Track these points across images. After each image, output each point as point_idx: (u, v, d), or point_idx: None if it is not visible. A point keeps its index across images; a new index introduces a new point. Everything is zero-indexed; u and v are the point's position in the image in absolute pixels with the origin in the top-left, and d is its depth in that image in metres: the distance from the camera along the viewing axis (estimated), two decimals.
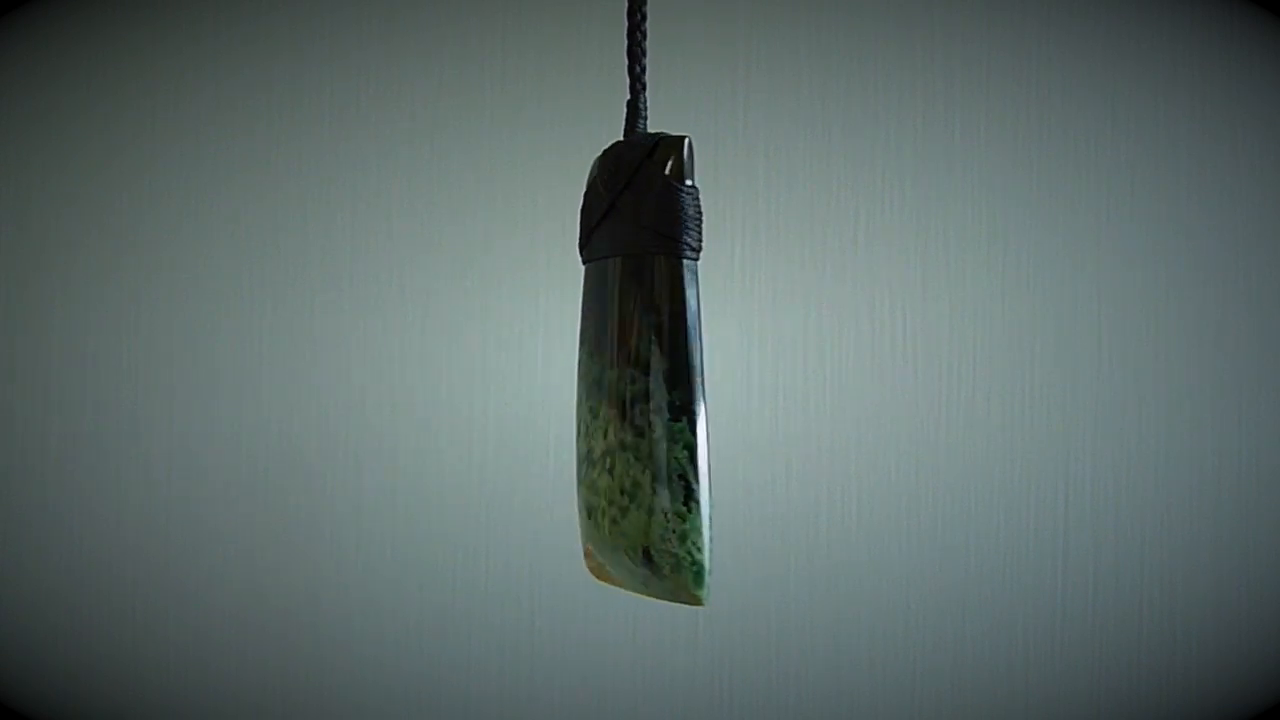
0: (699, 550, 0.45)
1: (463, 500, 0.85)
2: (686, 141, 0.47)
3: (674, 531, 0.45)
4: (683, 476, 0.45)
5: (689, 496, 0.45)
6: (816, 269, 0.83)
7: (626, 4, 0.49)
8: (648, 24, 0.50)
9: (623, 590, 0.50)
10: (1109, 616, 0.81)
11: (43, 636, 0.87)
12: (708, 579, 0.46)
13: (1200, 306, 0.81)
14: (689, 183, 0.47)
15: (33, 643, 0.87)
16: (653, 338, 0.46)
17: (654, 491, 0.46)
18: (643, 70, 0.50)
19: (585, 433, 0.49)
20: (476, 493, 0.85)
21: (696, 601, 0.46)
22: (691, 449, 0.45)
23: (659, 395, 0.46)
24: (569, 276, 0.85)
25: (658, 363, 0.46)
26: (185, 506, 0.87)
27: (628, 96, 0.50)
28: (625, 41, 0.49)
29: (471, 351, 0.85)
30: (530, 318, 0.85)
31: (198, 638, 0.87)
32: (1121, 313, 0.82)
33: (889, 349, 0.83)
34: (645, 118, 0.50)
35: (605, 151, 0.49)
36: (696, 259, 0.47)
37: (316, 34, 0.87)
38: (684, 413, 0.45)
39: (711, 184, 0.78)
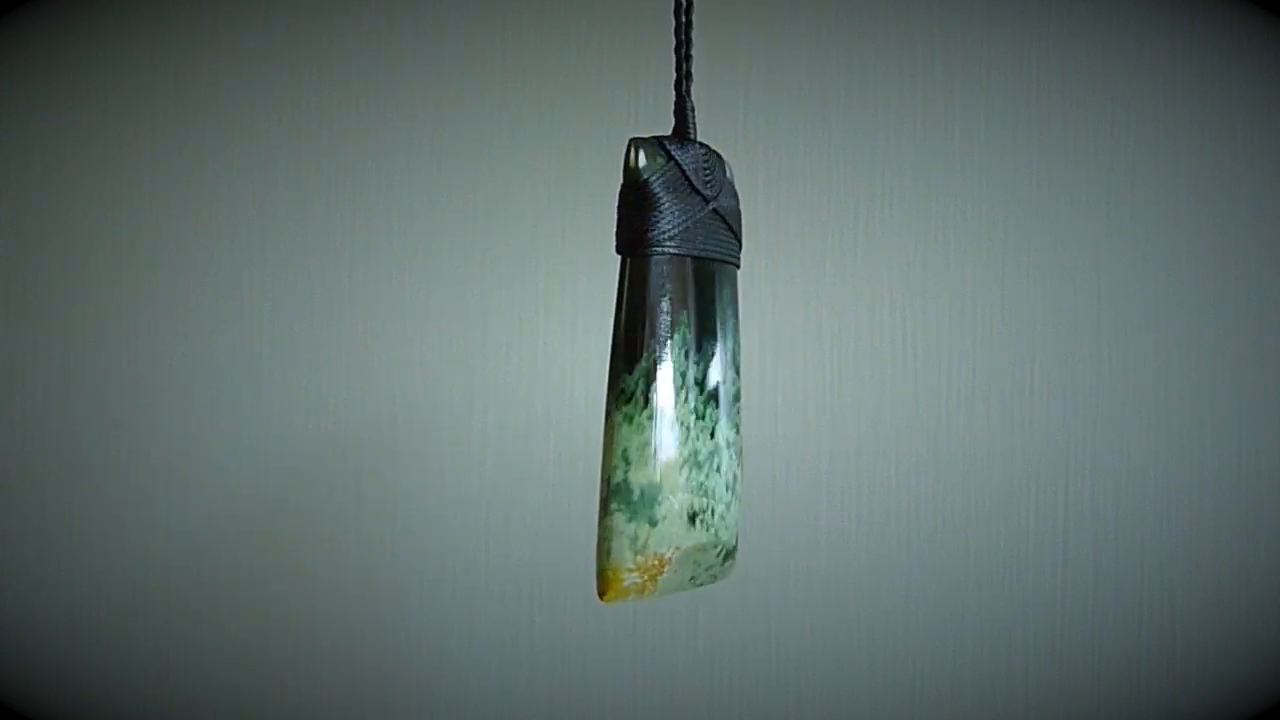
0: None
1: (463, 499, 0.85)
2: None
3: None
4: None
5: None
6: (816, 269, 0.83)
7: (674, 5, 0.50)
8: (694, 27, 0.50)
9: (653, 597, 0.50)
10: (1109, 616, 0.81)
11: (43, 637, 0.87)
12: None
13: (1200, 305, 0.81)
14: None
15: (33, 643, 0.87)
16: (738, 340, 0.50)
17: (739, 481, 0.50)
18: (689, 70, 0.50)
19: (687, 437, 0.47)
20: (476, 491, 0.85)
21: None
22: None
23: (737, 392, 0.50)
24: (570, 276, 0.85)
25: (736, 362, 0.49)
26: (185, 507, 0.87)
27: (674, 98, 0.50)
28: (673, 43, 0.51)
29: (472, 351, 0.85)
30: (532, 318, 0.85)
31: (197, 638, 0.87)
32: (1121, 312, 0.82)
33: (889, 349, 0.83)
34: (694, 123, 0.50)
35: (671, 145, 0.48)
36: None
37: (316, 35, 0.87)
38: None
39: None
